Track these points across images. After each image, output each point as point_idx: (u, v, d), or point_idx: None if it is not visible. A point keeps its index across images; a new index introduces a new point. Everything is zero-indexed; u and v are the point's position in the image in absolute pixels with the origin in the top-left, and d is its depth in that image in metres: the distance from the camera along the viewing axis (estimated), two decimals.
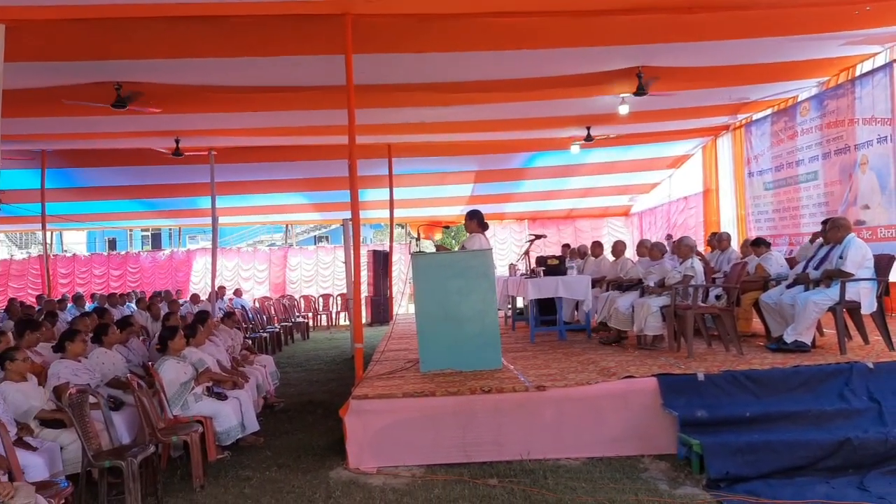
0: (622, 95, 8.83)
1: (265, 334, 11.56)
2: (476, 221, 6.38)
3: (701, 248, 10.10)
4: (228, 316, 8.41)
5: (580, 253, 10.14)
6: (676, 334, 6.23)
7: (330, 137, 10.57)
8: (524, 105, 9.48)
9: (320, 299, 17.59)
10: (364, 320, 10.70)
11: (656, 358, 5.90)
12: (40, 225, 13.00)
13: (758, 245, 7.26)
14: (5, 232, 22.17)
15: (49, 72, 7.10)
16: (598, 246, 9.28)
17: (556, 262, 7.87)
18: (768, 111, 11.01)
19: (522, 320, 9.21)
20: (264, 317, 13.17)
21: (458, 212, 15.86)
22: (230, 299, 13.81)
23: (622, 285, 7.53)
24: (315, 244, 25.71)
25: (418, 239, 8.57)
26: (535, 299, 7.70)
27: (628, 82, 8.25)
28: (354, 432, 4.85)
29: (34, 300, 13.08)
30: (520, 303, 9.55)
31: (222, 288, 13.90)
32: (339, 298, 17.35)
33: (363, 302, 13.30)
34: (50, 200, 12.64)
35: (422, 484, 4.44)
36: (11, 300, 12.03)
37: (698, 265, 6.36)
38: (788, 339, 5.68)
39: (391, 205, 13.51)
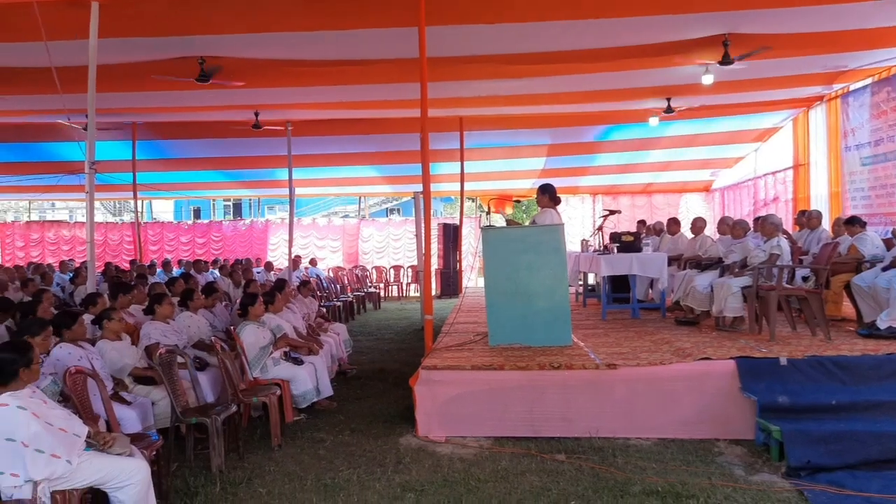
0: (706, 65, 8.39)
1: (339, 303, 11.89)
2: (548, 196, 6.29)
3: (788, 226, 9.58)
4: (304, 284, 8.70)
5: (656, 229, 9.83)
6: (758, 316, 5.97)
7: (402, 111, 10.62)
8: (601, 76, 9.17)
9: (391, 270, 17.90)
10: (433, 292, 10.80)
11: (735, 340, 5.69)
12: (132, 193, 13.82)
13: (852, 224, 6.82)
14: (101, 200, 23.62)
15: (138, 48, 7.42)
16: (674, 223, 8.97)
17: (630, 238, 7.67)
18: (868, 80, 10.19)
19: (594, 297, 9.06)
20: (338, 286, 13.54)
21: (530, 185, 15.67)
22: (306, 268, 14.25)
23: (701, 264, 7.26)
24: (387, 216, 26.10)
25: (489, 213, 8.56)
26: (607, 276, 7.55)
27: (713, 51, 7.82)
28: (423, 401, 4.95)
29: (128, 265, 13.93)
30: (591, 279, 9.39)
31: (298, 257, 14.34)
32: (409, 270, 17.59)
33: (433, 274, 13.46)
34: (140, 170, 13.39)
35: (489, 455, 4.49)
36: (107, 264, 12.86)
37: (784, 244, 6.04)
38: (882, 324, 5.35)
39: (462, 178, 13.50)
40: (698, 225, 7.98)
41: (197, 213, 29.48)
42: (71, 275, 10.92)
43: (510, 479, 4.06)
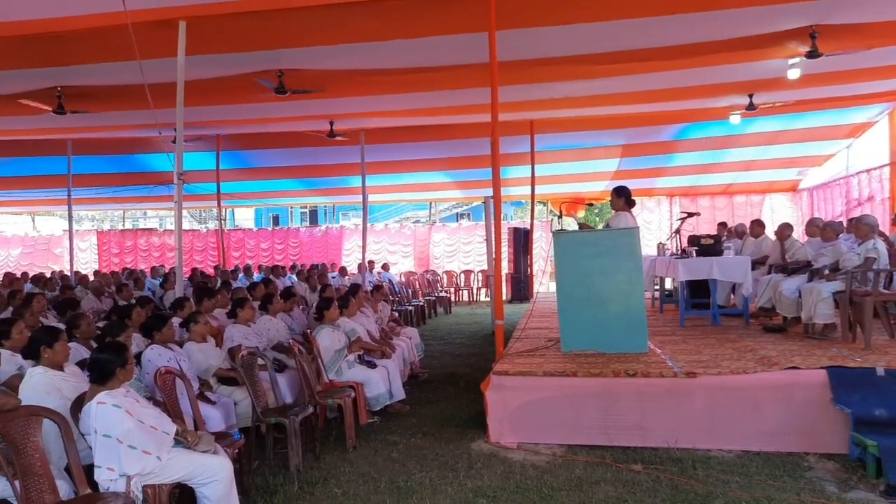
0: (792, 58, 7.97)
1: (410, 307, 12.04)
2: (623, 198, 6.14)
3: (885, 228, 8.94)
4: (377, 289, 8.85)
5: (738, 232, 9.41)
6: (851, 323, 5.60)
7: (472, 116, 10.65)
8: (677, 74, 8.87)
9: (462, 275, 17.96)
10: (504, 297, 10.74)
11: (826, 349, 5.36)
12: (216, 202, 14.50)
13: None
14: (188, 209, 24.97)
15: (221, 63, 7.79)
16: (758, 225, 8.55)
17: (710, 241, 7.37)
18: None
19: (671, 303, 8.77)
20: (409, 290, 13.70)
21: (603, 188, 15.34)
22: (378, 273, 14.52)
23: (787, 268, 6.89)
24: (457, 221, 26.21)
25: (560, 216, 8.43)
26: (685, 281, 7.28)
27: (799, 43, 7.42)
28: (495, 407, 4.93)
29: (212, 270, 14.62)
30: (668, 284, 9.09)
31: (371, 262, 14.62)
32: (479, 275, 17.60)
33: (503, 279, 13.40)
34: (224, 180, 14.04)
35: (562, 463, 4.42)
36: (194, 270, 13.55)
37: (881, 246, 5.65)
38: None
39: (532, 182, 13.39)
40: (785, 233, 7.51)
41: (276, 220, 30.62)
42: (161, 280, 11.57)
43: (584, 489, 3.98)
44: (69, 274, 13.10)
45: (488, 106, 5.86)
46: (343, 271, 14.38)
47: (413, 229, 20.48)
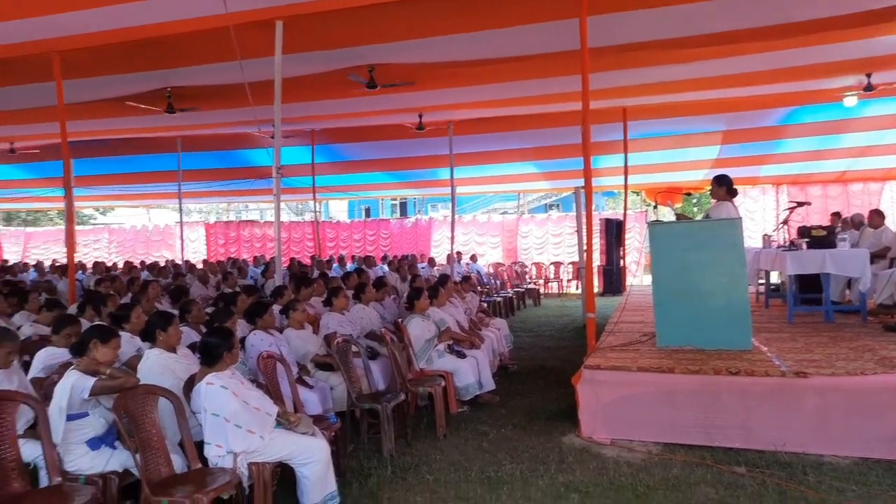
0: None
1: (499, 299, 12.01)
2: (724, 188, 5.83)
3: None
4: (466, 280, 8.89)
5: (854, 223, 8.71)
6: None
7: (562, 105, 10.46)
8: (784, 54, 8.29)
9: (551, 267, 17.72)
10: (595, 290, 10.49)
11: None
12: (312, 195, 15.06)
13: None
14: (286, 201, 26.11)
15: (316, 60, 8.05)
16: (877, 214, 7.87)
17: (822, 232, 6.85)
18: None
19: (778, 298, 8.25)
20: (498, 282, 13.67)
21: (702, 177, 14.64)
22: (467, 264, 14.58)
23: None
24: (546, 212, 25.88)
25: (655, 207, 8.10)
26: (794, 275, 6.82)
27: None
28: (587, 401, 4.82)
29: (308, 260, 15.21)
30: (774, 278, 8.55)
31: (458, 253, 14.70)
32: (569, 266, 17.30)
33: (595, 271, 13.10)
34: (319, 174, 14.55)
35: (658, 461, 4.27)
36: (292, 260, 14.14)
37: None
38: None
39: (625, 171, 12.98)
40: None
41: (367, 212, 31.43)
42: (262, 269, 12.16)
43: (682, 489, 3.82)
44: (180, 263, 14.05)
45: (579, 94, 5.72)
46: (432, 262, 14.55)
47: (501, 220, 20.40)
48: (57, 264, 13.78)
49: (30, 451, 3.20)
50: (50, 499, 2.93)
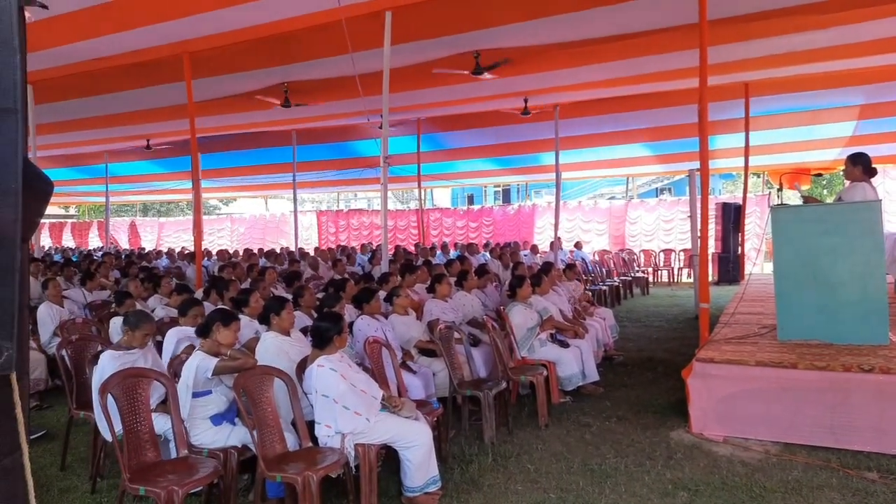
0: None
1: (604, 287, 11.69)
2: (861, 167, 5.29)
3: None
4: (570, 268, 8.71)
5: None
6: None
7: (677, 82, 9.93)
8: None
9: (661, 254, 17.00)
10: (710, 279, 9.91)
11: None
12: (416, 183, 15.34)
13: None
14: (392, 190, 26.79)
15: (423, 49, 8.15)
16: None
17: None
18: None
19: None
20: (604, 270, 13.31)
21: (834, 156, 13.43)
22: (571, 251, 14.29)
23: None
24: (657, 196, 24.81)
25: (780, 189, 7.49)
26: None
27: None
28: (698, 396, 4.59)
29: (413, 247, 15.55)
30: None
31: (559, 239, 14.40)
32: (681, 254, 16.51)
33: (709, 259, 12.41)
34: (423, 162, 14.79)
35: (777, 462, 4.00)
36: (397, 247, 14.51)
37: None
38: None
39: (746, 152, 12.15)
40: None
41: (470, 199, 31.62)
42: (369, 256, 12.57)
43: (804, 493, 3.56)
44: (294, 250, 14.82)
45: (696, 69, 5.41)
46: (535, 249, 14.39)
47: (609, 206, 19.79)
48: (186, 252, 14.98)
49: (161, 424, 3.51)
50: (178, 468, 3.20)
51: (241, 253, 14.52)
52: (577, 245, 15.38)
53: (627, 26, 7.59)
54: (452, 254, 13.50)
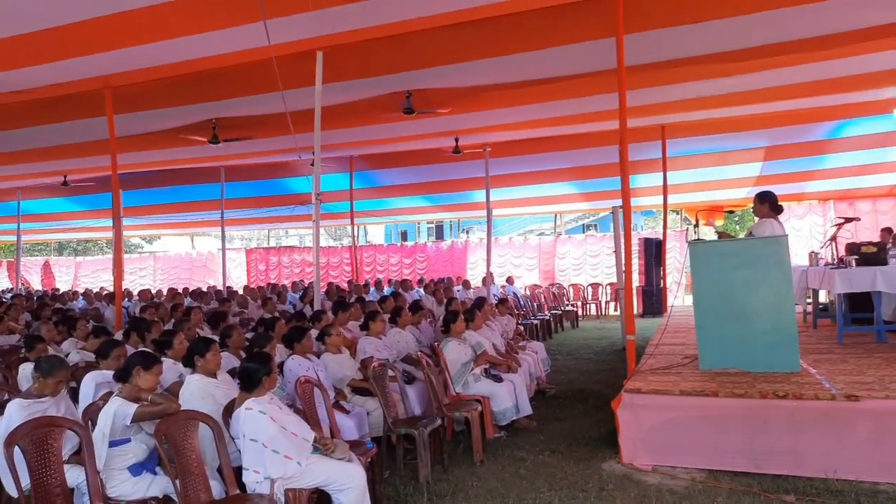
0: None
1: (536, 321, 11.89)
2: (768, 204, 5.68)
3: None
4: (502, 302, 8.83)
5: None
6: None
7: (599, 124, 10.39)
8: (829, 64, 8.07)
9: (589, 288, 17.49)
10: (635, 311, 10.25)
11: None
12: (349, 220, 15.26)
13: None
14: (324, 226, 26.55)
15: (354, 88, 8.22)
16: None
17: (873, 249, 6.61)
18: None
19: (827, 318, 7.95)
20: (535, 304, 13.55)
21: (744, 194, 14.33)
22: (503, 286, 14.50)
23: None
24: (584, 232, 25.63)
25: (696, 225, 7.93)
26: (844, 293, 6.57)
27: None
28: (627, 426, 4.71)
29: (346, 284, 15.37)
30: (823, 297, 8.26)
31: (491, 274, 14.59)
32: (608, 288, 17.04)
33: (634, 292, 12.87)
34: (356, 199, 14.77)
35: (703, 489, 4.12)
36: (330, 284, 14.31)
37: None
38: None
39: (665, 190, 12.80)
40: None
41: (404, 236, 31.67)
42: (301, 293, 12.33)
43: None
44: (222, 289, 14.36)
45: (616, 112, 5.70)
46: (467, 284, 14.52)
47: (538, 242, 20.28)
48: (105, 292, 14.25)
49: (74, 476, 3.29)
50: None
51: (164, 293, 13.94)
52: (509, 280, 15.63)
53: (552, 71, 7.94)
54: (386, 290, 13.43)
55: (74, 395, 4.14)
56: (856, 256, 6.60)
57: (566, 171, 14.25)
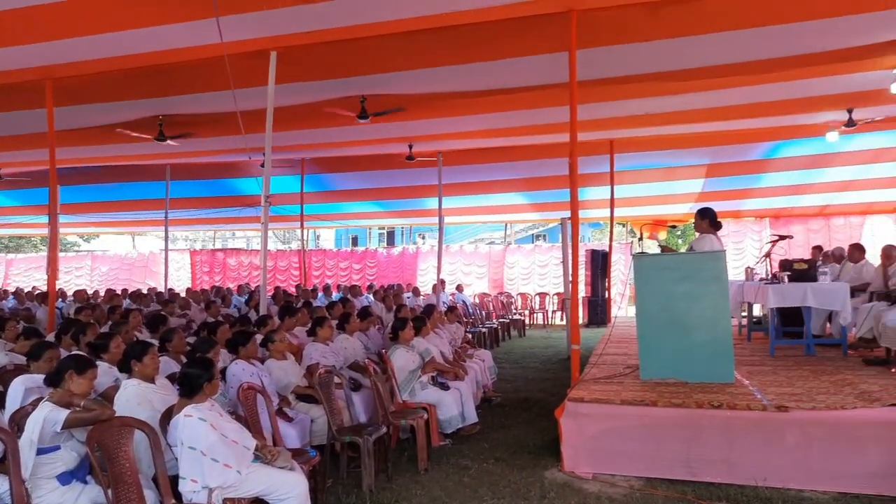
0: None
1: (484, 329, 11.98)
2: (707, 220, 5.89)
3: None
4: (451, 310, 8.87)
5: (835, 256, 8.82)
6: None
7: (550, 136, 10.58)
8: (767, 88, 8.47)
9: (537, 298, 17.74)
10: (580, 321, 10.45)
11: None
12: (299, 223, 15.06)
13: None
14: (273, 230, 26.09)
15: (308, 90, 8.13)
16: (857, 249, 7.98)
17: (804, 266, 6.93)
18: None
19: (760, 331, 8.30)
20: (483, 312, 13.65)
21: (686, 210, 14.81)
22: (452, 294, 14.55)
23: (891, 296, 6.38)
24: (533, 242, 26.00)
25: (641, 239, 8.18)
26: (776, 308, 6.87)
27: None
28: (570, 435, 4.79)
29: (294, 289, 15.13)
30: (757, 311, 8.62)
31: (442, 281, 14.65)
32: (555, 297, 17.32)
33: (580, 302, 13.13)
34: (307, 202, 14.58)
35: (640, 497, 4.24)
36: (277, 288, 14.06)
37: None
38: None
39: (612, 203, 13.11)
40: (891, 255, 6.99)
41: (355, 241, 31.40)
42: (246, 297, 12.06)
43: None
44: (163, 291, 13.92)
45: (567, 125, 5.83)
46: (417, 292, 14.52)
47: (488, 250, 20.46)
48: (37, 292, 13.61)
49: None
50: None
51: (101, 294, 13.41)
52: (459, 288, 15.70)
53: (507, 82, 8.05)
54: (335, 296, 13.28)
55: (1, 400, 3.94)
56: (788, 272, 6.91)
57: (517, 182, 14.44)
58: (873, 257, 7.67)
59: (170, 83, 7.90)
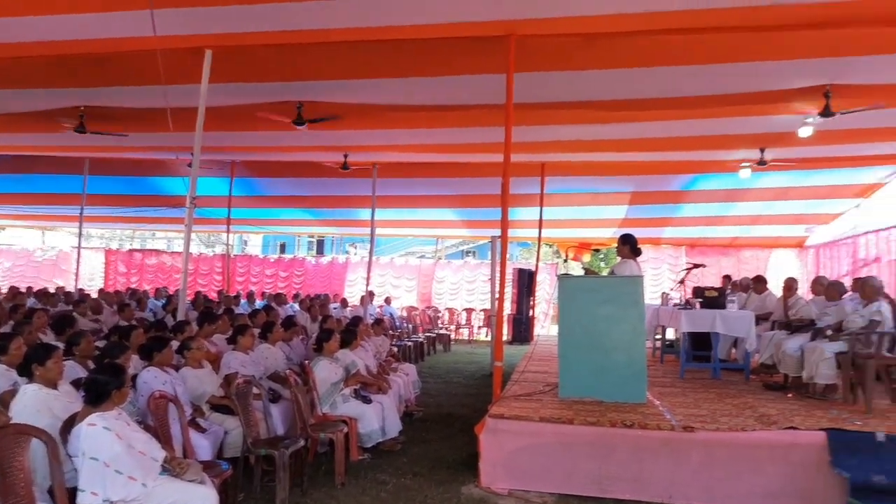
0: (805, 115, 8.03)
1: (409, 343, 11.96)
2: (629, 246, 6.15)
3: (891, 290, 8.87)
4: (378, 323, 8.83)
5: (743, 286, 9.36)
6: (853, 386, 5.53)
7: (484, 155, 10.76)
8: (689, 123, 8.97)
9: (463, 313, 17.89)
10: (505, 338, 10.60)
11: (827, 410, 5.28)
12: (225, 227, 14.60)
13: None
14: (197, 232, 25.15)
15: (243, 92, 7.95)
16: (760, 281, 8.53)
17: (714, 293, 7.35)
18: None
19: (672, 353, 8.69)
20: (410, 326, 13.64)
21: (610, 234, 15.37)
22: (380, 306, 14.46)
23: (791, 325, 6.84)
24: (463, 258, 26.24)
25: (566, 260, 8.44)
26: (688, 332, 7.23)
27: (813, 101, 7.51)
28: (489, 450, 4.85)
29: (216, 294, 14.63)
30: (670, 334, 9.03)
31: (371, 293, 14.56)
32: (481, 313, 17.52)
33: (505, 319, 13.35)
34: (235, 206, 14.17)
35: None
36: (197, 293, 13.56)
37: (886, 309, 5.61)
38: None
39: (540, 224, 13.43)
40: (791, 287, 7.50)
41: (283, 248, 30.69)
42: (164, 301, 11.58)
43: None
44: (73, 291, 13.14)
45: (501, 145, 5.95)
46: (344, 303, 14.36)
47: (419, 264, 20.49)
48: None
49: None
50: None
51: (4, 291, 12.52)
52: (387, 300, 15.63)
53: (445, 99, 8.15)
54: (258, 303, 12.94)
55: None
56: (700, 299, 7.29)
57: (450, 198, 14.57)
58: (776, 288, 8.19)
59: (96, 73, 7.51)
